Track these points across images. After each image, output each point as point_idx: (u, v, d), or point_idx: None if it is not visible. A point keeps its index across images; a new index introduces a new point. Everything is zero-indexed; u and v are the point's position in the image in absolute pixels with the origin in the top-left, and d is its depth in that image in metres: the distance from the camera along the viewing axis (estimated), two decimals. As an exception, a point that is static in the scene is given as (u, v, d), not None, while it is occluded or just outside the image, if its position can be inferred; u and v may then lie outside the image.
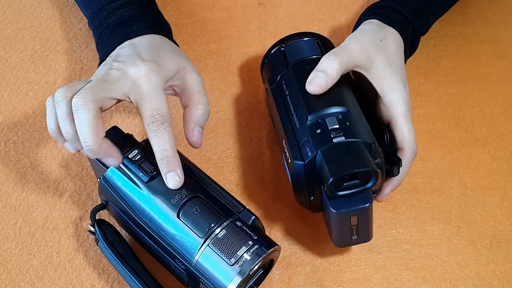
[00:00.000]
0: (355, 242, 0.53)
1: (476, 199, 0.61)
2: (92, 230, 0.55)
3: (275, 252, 0.51)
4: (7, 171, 0.64)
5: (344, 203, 0.49)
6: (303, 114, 0.52)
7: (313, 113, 0.52)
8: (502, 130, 0.66)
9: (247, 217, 0.51)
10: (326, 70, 0.53)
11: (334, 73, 0.53)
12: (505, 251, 0.58)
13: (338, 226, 0.51)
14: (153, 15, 0.60)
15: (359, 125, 0.51)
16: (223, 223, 0.49)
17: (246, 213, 0.52)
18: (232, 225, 0.50)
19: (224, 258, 0.48)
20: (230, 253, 0.48)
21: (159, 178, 0.51)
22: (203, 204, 0.51)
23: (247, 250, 0.48)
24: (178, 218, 0.50)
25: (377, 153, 0.50)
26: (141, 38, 0.56)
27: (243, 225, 0.50)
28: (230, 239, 0.49)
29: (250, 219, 0.51)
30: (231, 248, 0.48)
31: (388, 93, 0.55)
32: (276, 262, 0.57)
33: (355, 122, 0.51)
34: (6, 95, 0.70)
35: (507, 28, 0.74)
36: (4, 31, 0.76)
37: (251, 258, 0.48)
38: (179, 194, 0.51)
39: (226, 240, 0.48)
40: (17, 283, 0.57)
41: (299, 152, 0.51)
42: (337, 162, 0.48)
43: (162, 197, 0.51)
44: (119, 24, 0.57)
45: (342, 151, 0.49)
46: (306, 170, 0.50)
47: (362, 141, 0.49)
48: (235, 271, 0.47)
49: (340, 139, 0.49)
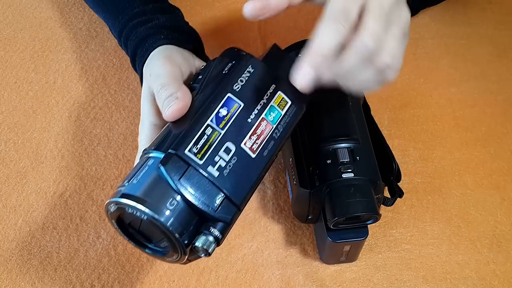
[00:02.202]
0: (341, 262, 0.57)
1: (476, 199, 0.61)
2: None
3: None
4: (7, 171, 0.64)
5: (341, 234, 0.51)
6: (315, 139, 0.52)
7: (325, 141, 0.52)
8: (502, 130, 0.66)
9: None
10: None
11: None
12: (505, 251, 0.58)
13: (331, 250, 0.54)
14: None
15: (368, 161, 0.51)
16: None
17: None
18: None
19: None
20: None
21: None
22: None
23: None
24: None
25: (380, 189, 0.52)
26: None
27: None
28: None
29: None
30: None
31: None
32: (277, 262, 0.57)
33: (364, 157, 0.51)
34: (6, 95, 0.70)
35: (507, 28, 0.74)
36: (4, 31, 0.76)
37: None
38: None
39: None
40: (17, 283, 0.57)
41: (306, 179, 0.51)
42: (343, 202, 0.49)
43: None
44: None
45: (350, 189, 0.49)
46: (310, 197, 0.51)
47: (369, 179, 0.50)
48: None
49: (349, 175, 0.50)
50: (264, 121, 0.45)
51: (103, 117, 0.68)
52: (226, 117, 0.43)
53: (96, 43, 0.74)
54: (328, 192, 0.50)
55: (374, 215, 0.49)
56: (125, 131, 0.66)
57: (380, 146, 0.55)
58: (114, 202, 0.41)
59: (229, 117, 0.43)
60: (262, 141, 0.44)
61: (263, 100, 0.45)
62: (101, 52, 0.73)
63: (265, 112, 0.45)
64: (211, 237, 0.41)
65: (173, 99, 0.44)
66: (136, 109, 0.68)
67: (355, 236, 0.51)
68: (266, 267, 0.57)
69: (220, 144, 0.42)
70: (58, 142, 0.66)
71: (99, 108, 0.68)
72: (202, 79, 0.47)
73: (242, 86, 0.45)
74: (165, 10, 0.60)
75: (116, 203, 0.41)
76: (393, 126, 0.66)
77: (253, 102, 0.45)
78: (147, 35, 0.55)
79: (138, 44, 0.56)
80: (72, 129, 0.67)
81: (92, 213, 0.61)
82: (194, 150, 0.41)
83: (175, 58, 0.51)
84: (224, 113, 0.44)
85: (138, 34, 0.56)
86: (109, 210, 0.42)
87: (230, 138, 0.43)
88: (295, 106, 0.46)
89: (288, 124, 0.46)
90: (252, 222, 0.60)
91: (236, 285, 0.57)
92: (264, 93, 0.45)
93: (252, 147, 0.43)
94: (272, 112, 0.45)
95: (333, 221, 0.49)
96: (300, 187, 0.52)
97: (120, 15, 0.59)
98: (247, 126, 0.44)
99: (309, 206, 0.53)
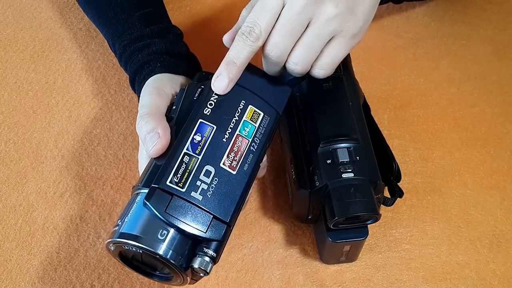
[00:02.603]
0: (341, 262, 0.57)
1: (476, 199, 0.61)
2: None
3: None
4: (7, 171, 0.64)
5: (341, 234, 0.51)
6: (315, 139, 0.52)
7: (325, 140, 0.51)
8: (502, 130, 0.66)
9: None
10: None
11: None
12: (505, 251, 0.58)
13: (331, 250, 0.54)
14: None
15: (368, 161, 0.51)
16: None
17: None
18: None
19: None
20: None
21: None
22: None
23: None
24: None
25: (380, 189, 0.52)
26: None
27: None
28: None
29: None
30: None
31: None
32: (277, 262, 0.57)
33: (364, 157, 0.51)
34: (6, 95, 0.70)
35: (507, 28, 0.74)
36: (4, 31, 0.76)
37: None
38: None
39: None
40: (17, 283, 0.57)
41: (306, 179, 0.51)
42: (343, 202, 0.49)
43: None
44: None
45: (350, 189, 0.49)
46: (310, 197, 0.51)
47: (369, 179, 0.50)
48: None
49: (349, 175, 0.50)
50: (240, 137, 0.46)
51: (103, 117, 0.68)
52: (201, 142, 0.45)
53: (96, 43, 0.74)
54: (328, 192, 0.50)
55: (374, 215, 0.49)
56: (125, 131, 0.66)
57: (380, 146, 0.55)
58: (112, 242, 0.44)
59: (204, 141, 0.45)
60: (241, 157, 0.46)
61: (235, 117, 0.47)
62: (101, 52, 0.73)
63: (238, 129, 0.47)
64: (207, 258, 0.43)
65: (155, 136, 0.47)
66: (136, 109, 0.68)
67: (355, 236, 0.51)
68: (266, 267, 0.57)
69: (199, 169, 0.44)
70: (58, 142, 0.66)
71: (99, 108, 0.68)
72: (175, 109, 0.50)
73: (211, 109, 0.47)
74: (163, 33, 0.61)
75: (114, 243, 0.44)
76: (393, 126, 0.66)
77: (225, 122, 0.47)
78: (145, 62, 0.57)
79: (136, 71, 0.58)
80: (72, 129, 0.67)
81: (92, 213, 0.61)
82: (175, 180, 0.43)
83: (165, 88, 0.53)
84: (199, 138, 0.46)
85: (136, 61, 0.58)
86: (110, 249, 0.45)
87: (208, 161, 0.45)
88: (269, 116, 0.49)
89: (265, 134, 0.48)
90: (252, 222, 0.60)
91: (236, 285, 0.57)
92: (235, 111, 0.47)
93: (231, 164, 0.45)
94: (246, 127, 0.47)
95: (333, 221, 0.49)
96: (300, 187, 0.52)
97: (120, 39, 0.61)
98: (223, 146, 0.46)
99: (309, 206, 0.52)
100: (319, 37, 0.46)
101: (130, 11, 0.61)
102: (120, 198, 0.62)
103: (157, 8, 0.64)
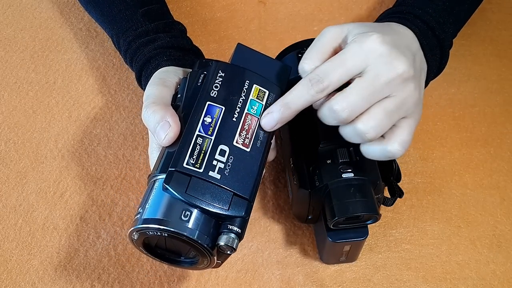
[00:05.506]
0: (341, 262, 0.57)
1: (476, 199, 0.61)
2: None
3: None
4: (7, 171, 0.64)
5: (341, 234, 0.52)
6: (315, 139, 0.52)
7: (325, 140, 0.51)
8: (502, 130, 0.66)
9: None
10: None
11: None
12: (505, 251, 0.58)
13: (331, 250, 0.54)
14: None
15: (368, 161, 0.51)
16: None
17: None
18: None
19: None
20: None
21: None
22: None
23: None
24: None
25: (380, 189, 0.52)
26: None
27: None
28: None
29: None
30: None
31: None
32: (277, 262, 0.57)
33: (364, 157, 0.50)
34: (6, 95, 0.70)
35: (507, 28, 0.74)
36: (4, 31, 0.76)
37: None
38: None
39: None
40: (17, 283, 0.57)
41: (306, 179, 0.51)
42: (343, 202, 0.49)
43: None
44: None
45: (350, 189, 0.49)
46: (310, 197, 0.51)
47: (369, 179, 0.50)
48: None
49: (348, 175, 0.50)
50: (249, 116, 0.47)
51: (103, 117, 0.68)
52: (212, 123, 0.46)
53: (96, 43, 0.74)
54: (328, 192, 0.50)
55: (374, 215, 0.49)
56: (125, 131, 0.66)
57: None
58: (136, 230, 0.44)
59: (215, 122, 0.46)
60: (252, 134, 0.47)
61: (242, 97, 0.48)
62: (101, 52, 0.73)
63: (247, 108, 0.47)
64: (232, 234, 0.43)
65: (166, 124, 0.47)
66: (136, 109, 0.68)
67: (355, 236, 0.52)
68: (266, 267, 0.57)
69: (213, 149, 0.45)
70: (58, 142, 0.66)
71: (99, 108, 0.68)
72: (181, 97, 0.50)
73: (218, 91, 0.48)
74: (168, 28, 0.61)
75: (137, 230, 0.44)
76: (393, 126, 0.66)
77: (233, 102, 0.47)
78: (151, 56, 0.58)
79: (142, 66, 0.58)
80: (72, 129, 0.67)
81: (92, 213, 0.61)
82: (192, 161, 0.44)
83: (169, 78, 0.53)
84: (209, 120, 0.46)
85: (142, 56, 0.58)
86: (133, 239, 0.45)
87: (222, 140, 0.45)
88: (274, 93, 0.49)
89: None
90: (252, 222, 0.60)
91: (236, 285, 0.57)
92: (241, 91, 0.48)
93: (244, 142, 0.46)
94: (253, 105, 0.48)
95: (333, 221, 0.49)
96: (300, 187, 0.52)
97: (124, 35, 0.61)
98: (234, 125, 0.46)
99: (309, 206, 0.52)
100: (398, 111, 0.45)
101: (134, 8, 0.61)
102: (120, 198, 0.62)
103: (160, 4, 0.64)
